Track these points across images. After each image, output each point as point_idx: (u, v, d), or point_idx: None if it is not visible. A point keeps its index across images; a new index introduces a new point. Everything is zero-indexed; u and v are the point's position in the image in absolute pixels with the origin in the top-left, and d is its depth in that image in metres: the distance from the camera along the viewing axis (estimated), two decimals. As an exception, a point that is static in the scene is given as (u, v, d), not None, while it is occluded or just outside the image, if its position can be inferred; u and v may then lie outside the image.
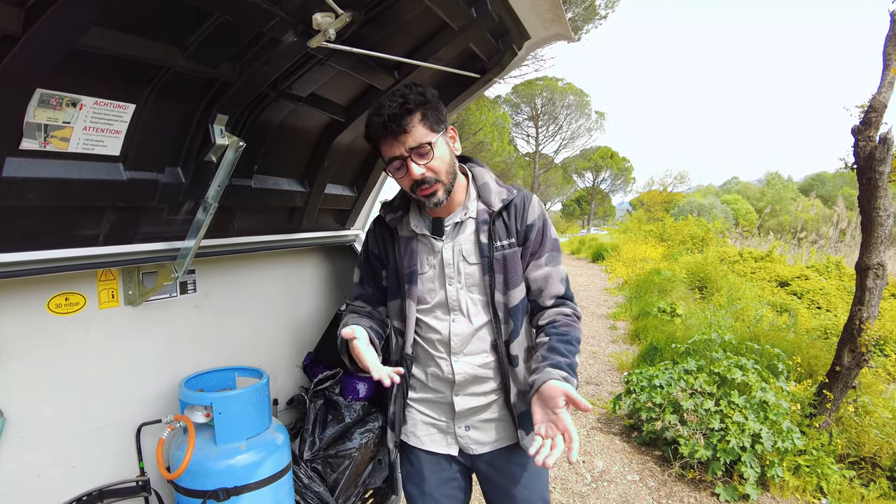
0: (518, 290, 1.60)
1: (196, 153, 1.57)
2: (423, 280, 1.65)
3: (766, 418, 3.75)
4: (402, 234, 1.68)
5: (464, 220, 1.63)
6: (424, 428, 1.74)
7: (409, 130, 1.45)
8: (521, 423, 1.64)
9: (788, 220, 25.57)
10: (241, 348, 2.29)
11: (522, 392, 1.64)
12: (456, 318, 1.63)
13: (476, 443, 1.70)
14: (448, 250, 1.62)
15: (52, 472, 1.65)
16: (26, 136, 1.19)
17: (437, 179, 1.50)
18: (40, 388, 1.61)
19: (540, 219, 1.62)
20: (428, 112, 1.47)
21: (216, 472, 1.74)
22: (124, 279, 1.83)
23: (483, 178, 1.66)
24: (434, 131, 1.48)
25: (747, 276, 11.33)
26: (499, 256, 1.58)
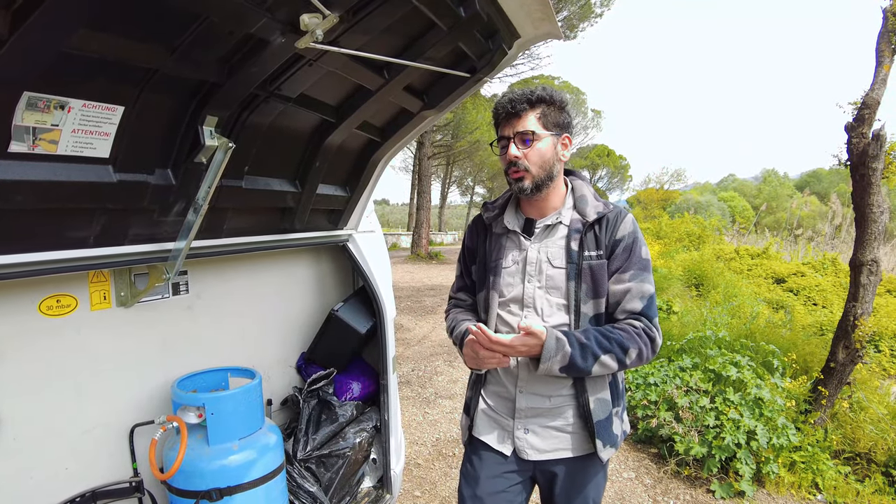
0: (603, 301, 1.63)
1: (186, 155, 1.57)
2: (505, 274, 1.73)
3: (762, 415, 3.76)
4: (496, 230, 1.78)
5: (555, 224, 1.69)
6: (486, 420, 1.79)
7: (522, 117, 1.60)
8: (599, 432, 1.65)
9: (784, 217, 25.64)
10: (234, 349, 2.30)
11: (602, 401, 1.66)
12: (528, 315, 1.68)
13: (532, 448, 1.70)
14: (534, 250, 1.69)
15: (44, 474, 1.65)
16: (14, 138, 1.19)
17: (528, 168, 1.61)
18: (32, 389, 1.61)
19: (630, 236, 1.64)
20: (548, 111, 1.61)
21: (209, 473, 1.74)
22: (116, 281, 1.83)
23: (582, 191, 1.72)
24: (546, 129, 1.61)
25: (744, 274, 11.36)
26: (586, 266, 1.62)
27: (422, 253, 21.77)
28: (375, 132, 2.20)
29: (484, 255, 1.80)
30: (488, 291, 1.75)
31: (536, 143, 1.60)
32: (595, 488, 1.76)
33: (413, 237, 22.82)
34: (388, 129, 2.22)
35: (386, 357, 2.49)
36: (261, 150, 1.83)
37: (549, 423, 1.69)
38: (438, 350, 7.18)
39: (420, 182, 22.61)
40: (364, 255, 2.56)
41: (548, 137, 1.61)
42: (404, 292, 12.40)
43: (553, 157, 1.62)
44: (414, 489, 3.63)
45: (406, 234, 27.86)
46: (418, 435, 4.52)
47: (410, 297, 11.69)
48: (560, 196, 1.71)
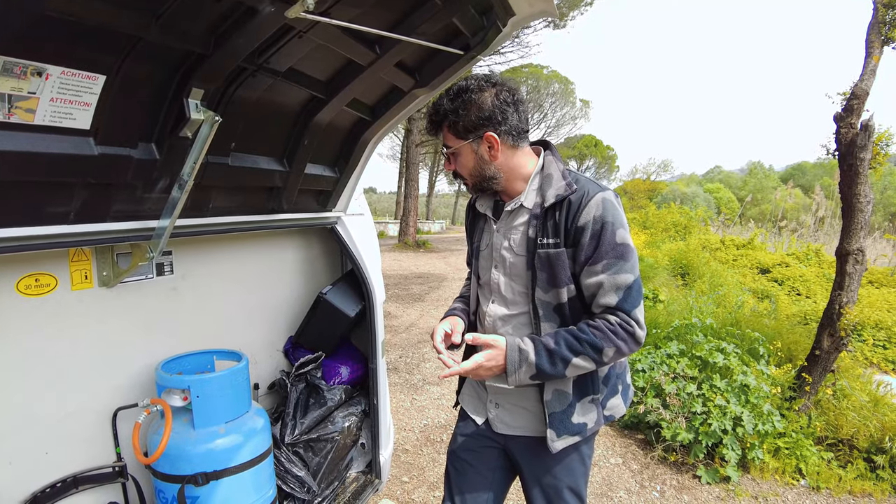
0: (564, 291, 1.55)
1: (170, 129, 1.51)
2: (481, 257, 1.75)
3: (748, 402, 3.80)
4: (477, 211, 1.79)
5: (517, 208, 1.63)
6: (470, 391, 1.87)
7: (441, 136, 1.62)
8: (552, 423, 1.60)
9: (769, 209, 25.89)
10: (220, 332, 2.25)
11: (560, 392, 1.61)
12: (494, 300, 1.68)
13: (501, 422, 1.73)
14: (499, 235, 1.67)
15: (23, 459, 1.61)
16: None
17: (462, 177, 1.64)
18: (10, 372, 1.56)
19: (598, 221, 1.48)
20: (456, 121, 1.54)
21: (195, 457, 1.71)
22: (98, 260, 1.78)
23: (549, 170, 1.60)
24: (461, 138, 1.56)
25: (729, 264, 11.46)
26: (542, 254, 1.54)
27: (409, 241, 21.71)
28: (366, 110, 2.15)
29: (470, 235, 1.84)
30: (472, 273, 1.80)
31: (456, 157, 1.60)
32: (568, 475, 1.70)
33: (401, 225, 22.74)
34: (379, 107, 2.17)
35: (375, 341, 2.46)
36: (248, 127, 1.78)
37: (517, 402, 1.70)
38: (425, 337, 7.17)
39: (408, 170, 22.50)
40: (353, 238, 2.52)
41: (464, 146, 1.56)
42: (392, 280, 12.37)
43: (478, 162, 1.57)
44: (402, 475, 3.62)
45: (393, 222, 27.76)
46: (406, 421, 4.51)
47: (398, 285, 11.65)
48: (524, 178, 1.62)
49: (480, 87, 1.53)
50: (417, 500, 3.31)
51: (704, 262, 10.51)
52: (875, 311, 6.85)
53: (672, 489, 3.52)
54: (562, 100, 41.24)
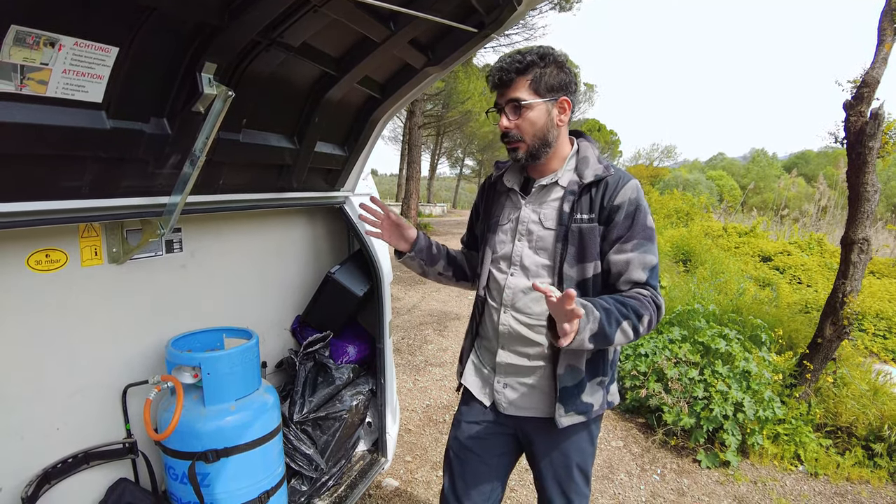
0: (590, 266, 1.58)
1: (183, 104, 1.50)
2: (500, 231, 1.73)
3: (749, 388, 3.82)
4: (499, 188, 1.79)
5: (551, 184, 1.64)
6: (473, 370, 1.83)
7: (511, 86, 1.54)
8: (562, 397, 1.63)
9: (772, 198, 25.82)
10: (229, 310, 2.25)
11: (573, 368, 1.63)
12: (514, 273, 1.67)
13: (509, 402, 1.72)
14: (527, 209, 1.67)
15: (35, 434, 1.61)
16: (1, 76, 1.12)
17: (521, 139, 1.57)
18: (21, 347, 1.56)
19: (632, 203, 1.56)
20: (541, 75, 1.53)
21: (205, 434, 1.71)
22: (108, 236, 1.77)
23: (585, 153, 1.66)
24: (538, 95, 1.53)
25: (731, 251, 11.45)
26: (575, 228, 1.58)
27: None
28: (376, 88, 2.13)
29: (487, 212, 1.82)
30: (484, 248, 1.78)
31: (527, 112, 1.54)
32: (579, 453, 1.74)
33: (402, 208, 22.67)
34: (390, 85, 2.15)
35: (382, 320, 2.46)
36: (259, 103, 1.76)
37: (527, 381, 1.70)
38: (428, 319, 7.19)
39: (410, 152, 22.38)
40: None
41: (540, 105, 1.55)
42: (392, 262, 12.35)
43: (547, 124, 1.57)
44: (405, 454, 3.64)
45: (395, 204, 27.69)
46: (409, 402, 4.54)
47: (399, 268, 11.63)
48: (561, 158, 1.66)
49: (562, 56, 1.57)
50: (420, 479, 3.34)
51: (706, 249, 10.49)
52: (877, 301, 6.86)
53: (672, 472, 3.55)
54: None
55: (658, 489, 3.37)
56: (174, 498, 1.80)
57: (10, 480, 1.54)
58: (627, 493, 3.32)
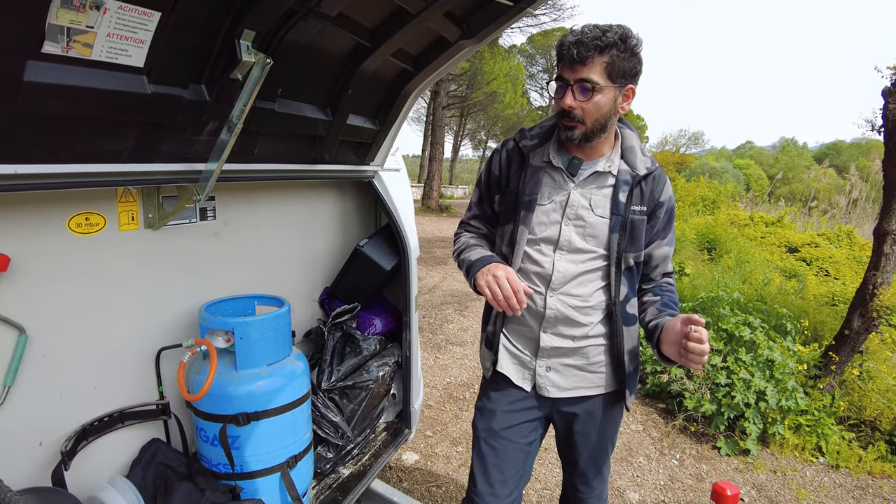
0: (634, 256, 1.64)
1: (221, 71, 1.50)
2: (539, 211, 1.65)
3: (772, 377, 3.78)
4: (533, 162, 1.68)
5: (604, 172, 1.62)
6: (509, 358, 1.78)
7: (587, 64, 1.45)
8: (630, 382, 1.72)
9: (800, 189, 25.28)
10: (259, 279, 2.28)
11: (633, 353, 1.71)
12: (562, 256, 1.64)
13: (554, 385, 1.71)
14: (577, 193, 1.62)
15: (73, 392, 1.65)
16: (48, 38, 1.13)
17: (582, 121, 1.51)
18: (61, 307, 1.59)
19: (671, 200, 1.67)
20: (617, 59, 1.46)
21: (236, 397, 1.74)
22: (144, 201, 1.80)
23: (630, 142, 1.65)
24: (610, 80, 1.47)
25: (757, 241, 11.26)
26: (631, 220, 1.61)
27: (432, 205, 21.68)
28: (409, 61, 2.12)
29: (517, 186, 1.69)
30: (516, 226, 1.67)
31: (597, 94, 1.47)
32: (614, 428, 1.82)
33: (424, 189, 22.66)
34: (423, 58, 2.13)
35: (409, 294, 2.48)
36: (295, 73, 1.76)
37: (571, 362, 1.70)
38: (449, 299, 7.22)
39: (433, 133, 22.30)
40: (389, 193, 2.52)
41: (610, 90, 1.48)
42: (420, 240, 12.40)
43: (611, 110, 1.52)
44: (426, 429, 3.69)
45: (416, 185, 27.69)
46: (430, 378, 4.58)
47: (421, 248, 11.65)
48: (609, 143, 1.64)
49: (639, 41, 1.50)
50: (440, 454, 3.38)
51: (732, 238, 10.34)
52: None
53: (691, 458, 3.55)
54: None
55: (676, 474, 3.37)
56: (204, 459, 1.84)
57: (51, 436, 1.59)
58: (646, 476, 3.33)
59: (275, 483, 1.83)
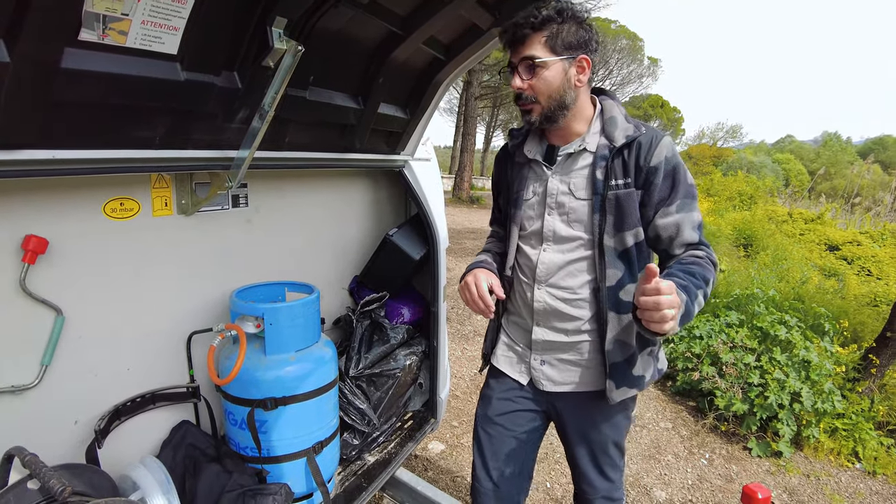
0: (630, 234, 1.51)
1: (253, 58, 1.51)
2: (525, 206, 1.64)
3: (808, 378, 3.67)
4: (518, 159, 1.68)
5: (579, 151, 1.55)
6: (504, 349, 1.78)
7: (525, 43, 1.44)
8: (612, 373, 1.58)
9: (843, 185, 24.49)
10: (290, 266, 2.31)
11: (622, 343, 1.57)
12: (547, 248, 1.60)
13: (548, 379, 1.68)
14: (555, 180, 1.58)
15: (107, 373, 1.70)
16: (85, 25, 1.14)
17: (536, 100, 1.48)
18: (96, 290, 1.63)
19: (669, 162, 1.47)
20: (559, 31, 1.43)
21: (264, 382, 1.77)
22: (177, 187, 1.82)
23: (611, 112, 1.56)
24: (555, 53, 1.44)
25: (795, 238, 10.96)
26: (612, 196, 1.49)
27: (463, 196, 21.62)
28: (441, 49, 2.10)
29: (508, 186, 1.72)
30: (509, 225, 1.69)
31: (542, 71, 1.44)
32: (614, 430, 1.71)
33: (455, 180, 22.61)
34: (455, 46, 2.10)
35: (437, 284, 2.47)
36: (327, 61, 1.76)
37: (566, 357, 1.65)
38: (476, 291, 7.21)
39: (465, 124, 22.20)
40: (419, 183, 2.51)
41: (557, 63, 1.44)
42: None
43: (563, 84, 1.46)
44: (452, 419, 3.70)
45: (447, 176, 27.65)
46: (457, 369, 4.59)
47: (451, 239, 11.65)
48: (585, 120, 1.56)
49: (582, 9, 1.46)
50: (465, 444, 3.38)
51: (769, 235, 10.09)
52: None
53: (721, 458, 3.48)
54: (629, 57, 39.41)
55: (705, 473, 3.31)
56: (232, 442, 1.88)
57: (85, 414, 1.64)
58: (674, 474, 3.28)
59: (300, 468, 1.85)
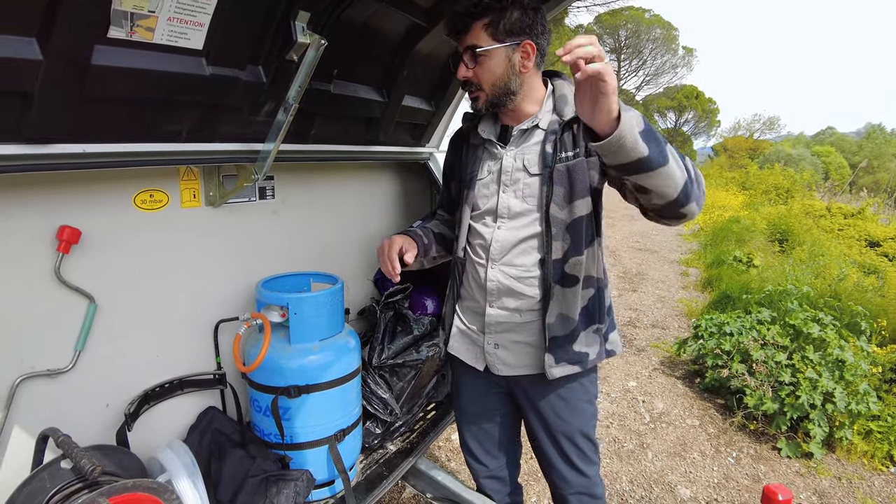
0: (582, 203, 1.49)
1: (277, 52, 1.53)
2: (479, 185, 1.64)
3: (842, 378, 3.57)
4: (472, 141, 1.69)
5: (531, 128, 1.55)
6: (461, 337, 1.77)
7: (468, 32, 1.46)
8: (552, 348, 1.56)
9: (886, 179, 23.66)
10: (315, 257, 2.34)
11: (564, 317, 1.55)
12: (502, 226, 1.59)
13: (503, 363, 1.67)
14: (509, 157, 1.58)
15: (138, 359, 1.75)
16: (113, 23, 1.18)
17: (480, 87, 1.50)
18: (127, 279, 1.68)
19: None
20: (499, 20, 1.43)
21: (289, 370, 1.80)
22: (205, 180, 1.86)
23: (562, 90, 1.56)
24: (497, 40, 1.44)
25: (833, 233, 10.64)
26: (560, 168, 1.48)
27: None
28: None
29: (461, 168, 1.72)
30: (461, 206, 1.68)
31: (485, 59, 1.45)
32: (578, 417, 1.69)
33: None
34: (481, 39, 2.10)
35: (460, 278, 2.48)
36: (350, 53, 1.78)
37: (519, 339, 1.63)
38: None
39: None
40: (444, 175, 2.51)
41: (499, 50, 1.44)
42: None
43: (507, 71, 1.47)
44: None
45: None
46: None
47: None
48: (537, 101, 1.56)
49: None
50: (487, 437, 3.39)
51: (806, 230, 9.82)
52: None
53: (748, 457, 3.42)
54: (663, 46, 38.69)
55: (732, 472, 3.25)
56: (257, 429, 1.92)
57: (116, 398, 1.70)
58: (699, 472, 3.23)
59: (323, 455, 1.89)
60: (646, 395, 4.18)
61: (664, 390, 4.27)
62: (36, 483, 1.32)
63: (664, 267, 8.87)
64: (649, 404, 4.05)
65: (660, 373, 4.60)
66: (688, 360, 4.73)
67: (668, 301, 6.80)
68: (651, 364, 4.77)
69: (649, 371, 4.63)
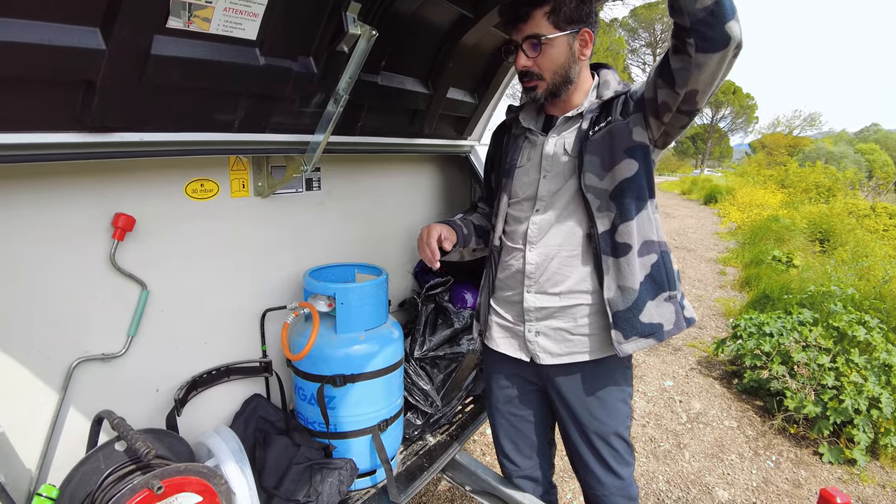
0: (624, 165, 1.45)
1: (328, 43, 1.54)
2: (518, 173, 1.64)
3: (889, 383, 3.46)
4: (514, 131, 1.70)
5: (575, 116, 1.56)
6: (499, 329, 1.73)
7: (528, 20, 1.45)
8: (617, 323, 1.49)
9: (934, 177, 22.77)
10: (359, 248, 2.36)
11: (626, 290, 1.48)
12: (540, 209, 1.58)
13: (545, 351, 1.61)
14: (550, 144, 1.58)
15: (187, 345, 1.79)
16: (172, 14, 1.20)
17: (541, 76, 1.49)
18: (177, 267, 1.72)
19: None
20: (560, 8, 1.43)
21: (335, 359, 1.82)
22: (254, 170, 1.89)
23: (606, 78, 1.57)
24: (559, 28, 1.44)
25: (878, 234, 10.31)
26: (596, 137, 1.48)
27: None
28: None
29: (501, 158, 1.72)
30: (500, 195, 1.67)
31: (548, 48, 1.45)
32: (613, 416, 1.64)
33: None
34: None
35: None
36: (398, 45, 1.78)
37: (560, 325, 1.59)
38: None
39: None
40: (485, 168, 2.51)
41: (561, 38, 1.44)
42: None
43: (569, 59, 1.47)
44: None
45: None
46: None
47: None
48: (584, 92, 1.57)
49: None
50: (522, 432, 3.38)
51: (849, 230, 9.53)
52: None
53: (789, 462, 3.34)
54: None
55: (771, 476, 3.18)
56: (301, 417, 1.94)
57: (166, 383, 1.74)
58: (737, 474, 3.17)
59: (366, 445, 1.90)
60: (683, 395, 4.12)
61: (701, 390, 4.20)
62: (91, 463, 1.36)
63: (701, 265, 8.72)
64: (686, 404, 3.99)
65: (697, 373, 4.53)
66: (725, 360, 4.65)
67: (706, 300, 6.68)
68: (688, 364, 4.70)
69: (686, 371, 4.55)
